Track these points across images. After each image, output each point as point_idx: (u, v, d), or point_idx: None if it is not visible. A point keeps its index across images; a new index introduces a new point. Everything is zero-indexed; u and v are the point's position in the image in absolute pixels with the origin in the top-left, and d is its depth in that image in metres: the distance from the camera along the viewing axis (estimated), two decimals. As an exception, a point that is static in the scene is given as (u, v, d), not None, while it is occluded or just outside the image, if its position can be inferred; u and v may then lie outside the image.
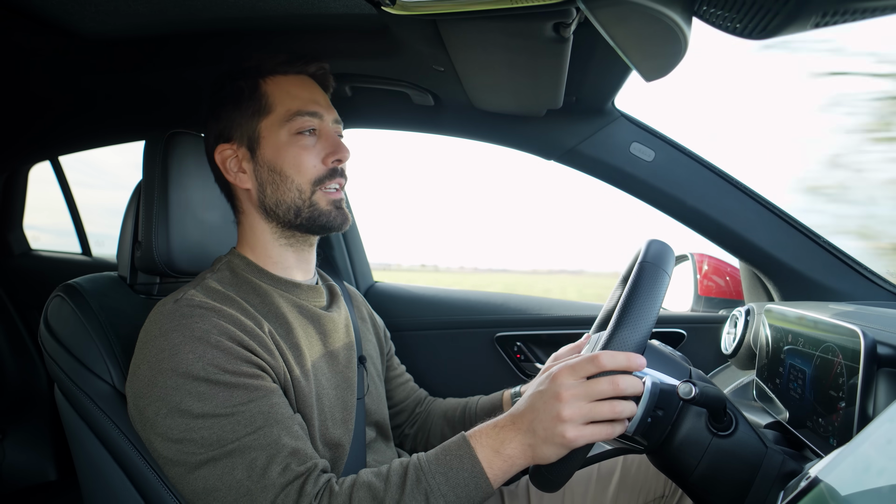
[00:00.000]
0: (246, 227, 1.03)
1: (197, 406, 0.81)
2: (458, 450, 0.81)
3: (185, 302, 0.88)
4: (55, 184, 2.30)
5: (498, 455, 0.80)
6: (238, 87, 0.99)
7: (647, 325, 0.78)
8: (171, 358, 0.82)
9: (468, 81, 1.16)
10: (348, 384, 1.03)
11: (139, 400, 0.84)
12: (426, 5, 0.79)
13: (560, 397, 0.76)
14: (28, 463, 2.04)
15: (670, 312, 1.64)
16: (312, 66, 1.04)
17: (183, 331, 0.84)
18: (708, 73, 7.65)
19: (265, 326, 0.91)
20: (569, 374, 0.77)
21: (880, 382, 0.77)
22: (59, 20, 1.04)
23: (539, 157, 1.46)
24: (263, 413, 0.83)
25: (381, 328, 1.28)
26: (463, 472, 0.79)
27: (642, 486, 1.12)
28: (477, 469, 0.79)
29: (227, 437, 0.80)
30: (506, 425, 0.81)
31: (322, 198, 0.99)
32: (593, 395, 0.75)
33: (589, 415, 0.75)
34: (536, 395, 0.79)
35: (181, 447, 0.81)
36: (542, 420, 0.77)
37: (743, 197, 1.35)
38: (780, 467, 0.76)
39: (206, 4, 0.99)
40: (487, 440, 0.81)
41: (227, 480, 0.80)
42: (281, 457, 0.81)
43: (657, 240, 0.86)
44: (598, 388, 0.75)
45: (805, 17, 0.57)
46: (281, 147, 0.97)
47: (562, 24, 0.83)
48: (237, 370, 0.83)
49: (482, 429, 0.83)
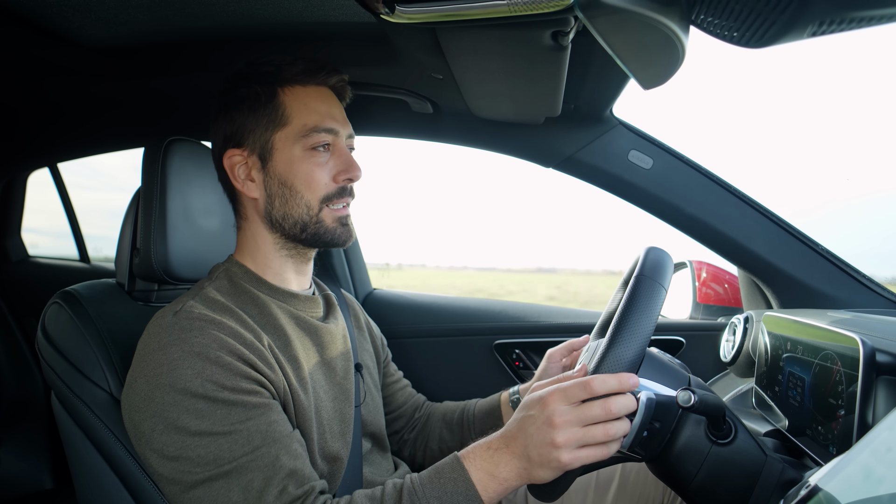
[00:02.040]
0: (247, 235, 1.01)
1: (194, 423, 0.79)
2: (451, 472, 0.80)
3: (185, 314, 0.86)
4: (51, 186, 2.29)
5: (493, 478, 0.79)
6: (254, 91, 0.96)
7: (641, 342, 0.77)
8: (170, 373, 0.81)
9: (467, 89, 1.16)
10: (346, 395, 1.02)
11: (135, 414, 0.83)
12: (425, 14, 0.80)
13: (553, 423, 0.75)
14: (24, 471, 2.03)
15: (669, 320, 1.64)
16: (333, 79, 1.01)
17: (182, 345, 0.82)
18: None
19: (265, 339, 0.89)
20: (561, 399, 0.76)
21: (879, 390, 0.77)
22: (59, 28, 1.05)
23: (537, 165, 1.46)
24: (262, 432, 0.82)
25: (378, 336, 1.28)
26: (457, 496, 0.78)
27: (641, 494, 1.11)
28: (471, 492, 0.78)
29: (224, 456, 0.79)
30: (499, 448, 0.80)
31: (328, 215, 0.97)
32: (586, 421, 0.75)
33: (582, 439, 0.75)
34: (528, 420, 0.78)
35: (177, 465, 0.80)
36: (535, 445, 0.76)
37: (741, 205, 1.35)
38: (779, 475, 0.76)
39: (206, 13, 0.99)
40: (481, 462, 0.80)
41: (222, 501, 0.79)
42: (278, 479, 0.80)
43: (656, 248, 0.85)
44: (591, 413, 0.75)
45: (802, 25, 0.57)
46: (294, 162, 0.95)
47: (560, 32, 0.84)
48: (236, 386, 0.82)
49: (475, 450, 0.82)
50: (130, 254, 1.08)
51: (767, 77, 44.69)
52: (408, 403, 1.28)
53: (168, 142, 1.04)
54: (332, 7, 0.94)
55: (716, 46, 0.71)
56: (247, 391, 0.83)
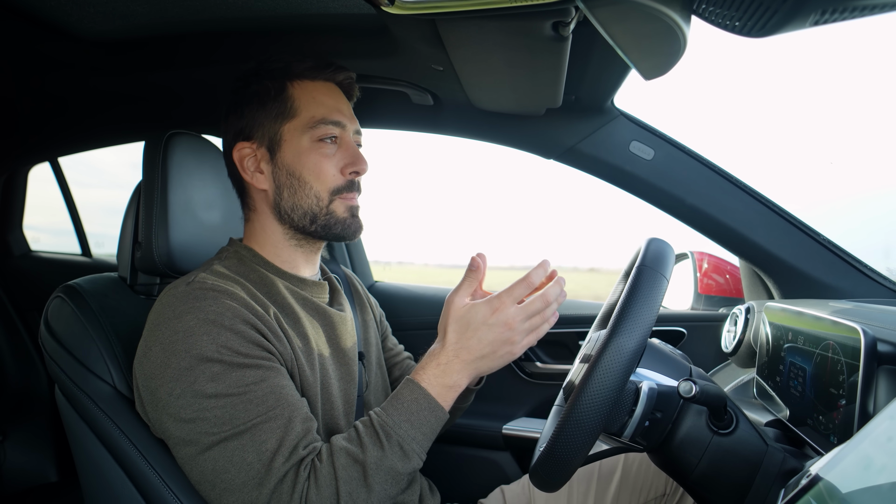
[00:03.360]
0: (256, 226, 1.03)
1: (210, 386, 0.81)
2: (410, 394, 0.89)
3: (198, 285, 0.88)
4: (49, 183, 2.29)
5: (449, 389, 0.90)
6: (265, 86, 0.98)
7: (643, 331, 0.76)
8: (185, 340, 0.83)
9: (467, 81, 1.16)
10: (351, 378, 1.04)
11: (151, 381, 0.85)
12: (425, 5, 0.79)
13: (510, 325, 0.87)
14: (29, 464, 2.04)
15: (670, 311, 1.64)
16: (341, 75, 1.04)
17: (196, 313, 0.84)
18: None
19: (271, 311, 0.92)
20: (510, 301, 0.88)
21: (880, 380, 0.77)
22: (58, 22, 1.04)
23: (538, 156, 1.46)
24: (275, 393, 0.84)
25: (378, 312, 1.30)
26: (422, 413, 0.88)
27: (643, 485, 1.12)
28: (433, 404, 0.88)
29: (239, 416, 0.81)
30: (450, 360, 0.90)
31: (340, 205, 0.99)
32: (532, 314, 0.89)
33: (529, 329, 0.89)
34: (483, 328, 0.88)
35: (193, 426, 0.82)
36: (492, 347, 0.88)
37: (742, 195, 1.35)
38: (780, 465, 0.76)
39: (205, 5, 0.99)
40: (435, 379, 0.90)
41: (237, 462, 0.81)
42: (289, 440, 0.82)
43: (657, 239, 0.85)
44: (534, 306, 0.89)
45: (804, 14, 0.57)
46: (302, 152, 0.97)
47: (561, 22, 0.83)
48: (249, 352, 0.84)
49: (426, 369, 0.90)
50: (132, 247, 1.08)
51: (765, 63, 43.45)
52: (409, 371, 1.29)
53: (169, 135, 1.04)
54: (332, -1, 0.93)
55: (717, 36, 0.71)
56: (259, 356, 0.85)
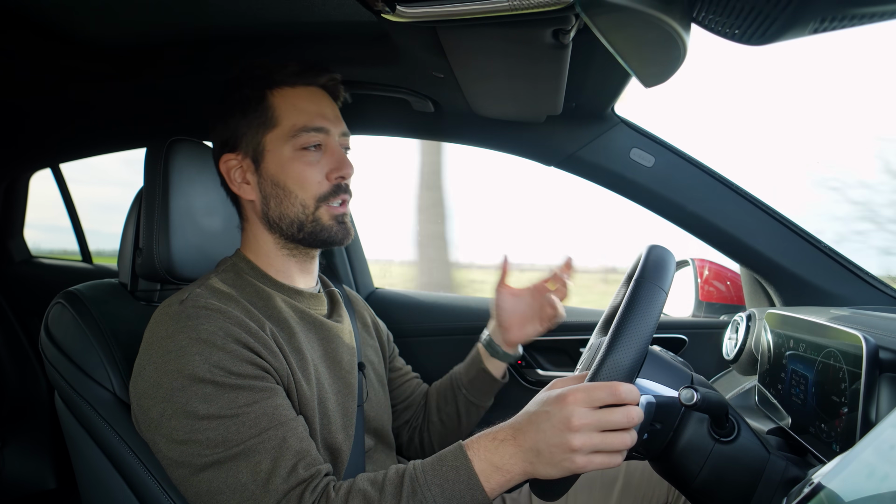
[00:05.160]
0: (250, 235, 1.03)
1: (202, 407, 0.81)
2: (454, 460, 0.79)
3: (191, 303, 0.88)
4: (43, 180, 2.29)
5: (496, 469, 0.78)
6: (245, 95, 0.98)
7: (639, 348, 0.75)
8: (178, 359, 0.82)
9: (468, 88, 1.16)
10: (349, 390, 1.03)
11: (143, 400, 0.84)
12: (426, 12, 0.80)
13: (570, 425, 0.72)
14: (28, 471, 2.03)
15: (671, 318, 1.64)
16: (323, 78, 1.03)
17: (189, 332, 0.84)
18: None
19: (267, 327, 0.91)
20: (582, 401, 0.73)
21: (883, 387, 0.77)
22: (60, 28, 1.05)
23: (539, 164, 1.46)
24: (268, 414, 0.83)
25: (384, 332, 1.29)
26: (459, 485, 0.77)
27: (645, 492, 1.11)
28: (473, 482, 0.77)
29: (232, 438, 0.80)
30: (506, 439, 0.78)
31: (325, 213, 0.99)
32: (605, 426, 0.73)
33: (600, 445, 0.73)
34: (543, 416, 0.75)
35: (186, 448, 0.81)
36: (548, 444, 0.74)
37: (743, 202, 1.35)
38: (782, 473, 0.76)
39: (207, 13, 0.99)
40: (486, 453, 0.79)
41: (231, 483, 0.80)
42: (285, 460, 0.81)
43: (658, 247, 0.84)
44: (612, 418, 0.72)
45: (804, 22, 0.57)
46: (285, 162, 0.97)
47: (561, 30, 0.84)
48: (242, 372, 0.84)
49: (480, 440, 0.80)
50: (133, 254, 1.08)
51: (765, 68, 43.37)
52: (415, 394, 1.30)
53: (170, 142, 1.04)
54: (333, 6, 0.94)
55: (717, 43, 0.71)
56: (252, 376, 0.84)
